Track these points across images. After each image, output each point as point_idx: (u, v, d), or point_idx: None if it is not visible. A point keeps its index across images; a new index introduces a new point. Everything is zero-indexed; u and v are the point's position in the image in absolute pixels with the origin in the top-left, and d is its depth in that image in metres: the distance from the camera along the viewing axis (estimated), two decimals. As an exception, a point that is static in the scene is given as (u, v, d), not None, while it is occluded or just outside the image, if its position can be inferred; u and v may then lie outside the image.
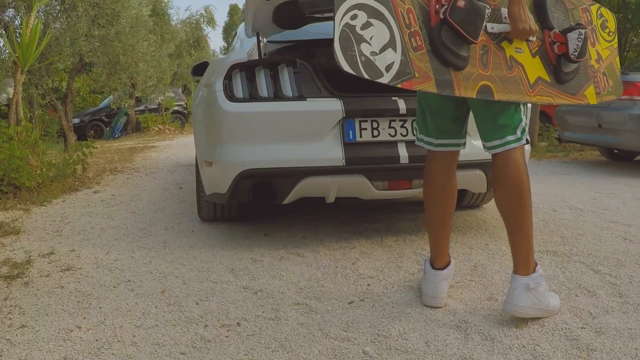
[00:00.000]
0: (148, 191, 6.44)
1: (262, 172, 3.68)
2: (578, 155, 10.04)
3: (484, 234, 4.45)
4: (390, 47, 2.39)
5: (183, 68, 23.18)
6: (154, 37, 14.02)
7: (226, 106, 3.70)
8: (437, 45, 2.49)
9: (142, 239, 4.32)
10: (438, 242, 3.06)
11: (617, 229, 4.61)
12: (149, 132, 18.95)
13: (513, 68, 2.73)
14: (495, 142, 2.75)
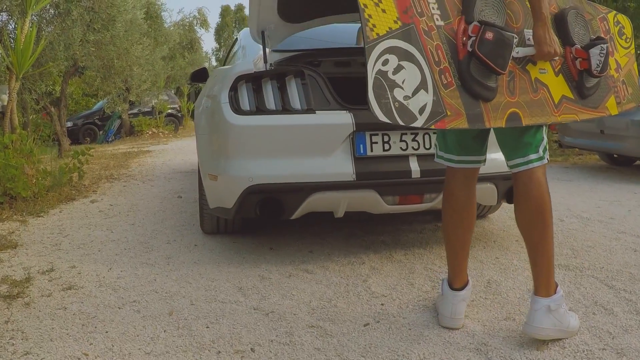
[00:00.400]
0: (146, 201, 6.33)
1: (270, 187, 3.58)
2: (577, 160, 10.00)
3: (493, 246, 4.37)
4: (422, 88, 2.31)
5: (176, 70, 23.10)
6: (148, 41, 13.91)
7: (232, 119, 3.60)
8: (467, 79, 2.41)
9: (145, 254, 4.21)
10: (457, 262, 2.98)
11: (626, 239, 4.55)
12: (143, 136, 18.85)
13: (538, 90, 2.66)
14: (518, 160, 2.70)
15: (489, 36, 2.37)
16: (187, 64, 24.51)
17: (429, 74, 2.34)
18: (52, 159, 9.42)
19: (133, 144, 16.30)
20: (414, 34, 2.34)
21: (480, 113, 2.44)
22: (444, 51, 2.40)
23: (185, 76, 24.64)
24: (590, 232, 4.80)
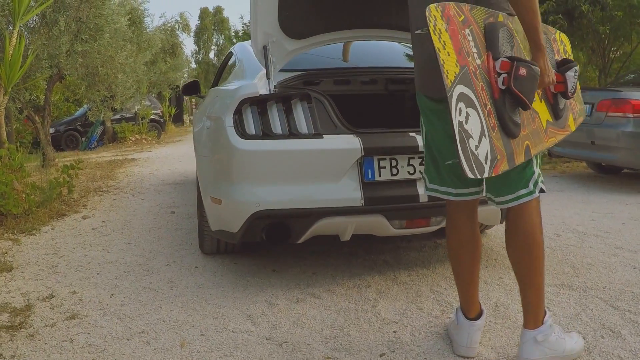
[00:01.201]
0: (139, 217, 6.27)
1: (277, 212, 3.54)
2: (566, 168, 10.04)
3: (495, 264, 4.37)
4: (482, 135, 2.27)
5: (158, 75, 22.94)
6: (132, 48, 13.81)
7: (238, 143, 3.55)
8: (504, 119, 2.37)
9: (146, 278, 4.16)
10: (469, 293, 2.96)
11: (624, 256, 4.57)
12: (126, 143, 18.71)
13: (535, 119, 2.65)
14: (508, 196, 2.67)
15: (522, 72, 2.33)
16: (168, 69, 24.33)
17: (483, 119, 2.29)
18: (36, 168, 9.33)
19: (116, 151, 16.18)
20: (469, 77, 2.26)
21: (512, 151, 2.42)
22: (485, 91, 2.35)
23: (167, 81, 24.50)
24: (588, 248, 4.82)
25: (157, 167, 11.20)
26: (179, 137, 23.23)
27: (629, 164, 7.71)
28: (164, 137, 22.39)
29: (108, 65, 12.01)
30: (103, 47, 10.63)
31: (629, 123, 7.33)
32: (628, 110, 7.33)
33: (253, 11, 3.96)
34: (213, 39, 73.86)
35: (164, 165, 11.52)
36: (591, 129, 7.87)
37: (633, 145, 7.35)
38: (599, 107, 7.77)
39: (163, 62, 23.55)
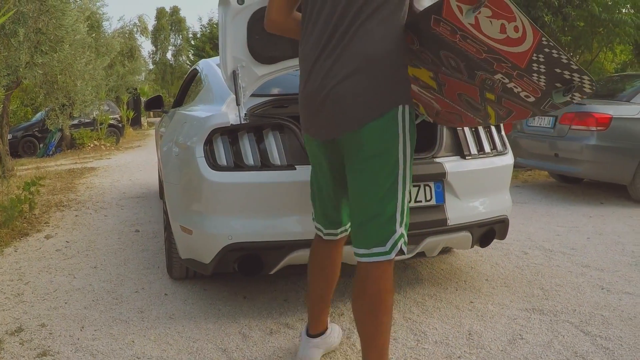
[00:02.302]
0: (103, 236, 6.16)
1: (250, 245, 3.50)
2: (528, 177, 10.15)
3: (465, 287, 4.38)
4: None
5: (116, 79, 22.70)
6: (91, 55, 13.62)
7: (209, 175, 3.49)
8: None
9: (115, 307, 4.08)
10: (315, 312, 3.10)
11: (592, 275, 4.63)
12: (85, 149, 18.45)
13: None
14: (362, 250, 2.56)
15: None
16: (126, 72, 24.13)
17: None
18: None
19: (75, 158, 15.96)
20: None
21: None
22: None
23: (125, 84, 24.25)
24: (555, 267, 4.86)
25: (118, 178, 11.06)
26: (138, 141, 23.01)
27: (592, 177, 7.82)
28: (122, 142, 22.14)
29: (67, 73, 11.82)
30: (63, 56, 10.44)
31: (593, 136, 7.43)
32: (591, 123, 7.43)
33: (222, 35, 3.91)
34: (170, 39, 73.39)
35: (124, 176, 11.37)
36: (554, 141, 7.96)
37: (596, 158, 7.46)
38: (562, 119, 7.87)
39: (121, 66, 23.36)
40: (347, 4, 2.45)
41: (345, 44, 2.44)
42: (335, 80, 2.44)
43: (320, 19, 2.55)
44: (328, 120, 2.52)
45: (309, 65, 2.58)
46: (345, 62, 2.43)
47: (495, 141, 4.23)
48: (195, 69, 5.93)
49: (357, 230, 2.58)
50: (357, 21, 2.43)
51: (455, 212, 3.83)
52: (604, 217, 6.97)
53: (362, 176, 2.49)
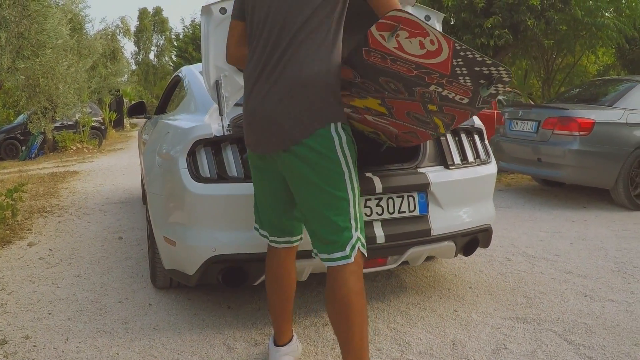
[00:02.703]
0: (87, 243, 6.13)
1: (234, 257, 3.49)
2: (511, 180, 10.19)
3: (449, 295, 4.40)
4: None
5: (99, 81, 22.59)
6: (74, 58, 13.55)
7: (193, 187, 3.47)
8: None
9: (99, 318, 4.06)
10: (278, 323, 3.18)
11: (575, 282, 4.66)
12: (67, 152, 18.33)
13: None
14: (324, 255, 2.71)
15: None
16: (109, 74, 24.02)
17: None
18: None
19: (57, 161, 15.86)
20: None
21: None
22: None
23: (108, 86, 24.13)
24: (539, 274, 4.89)
25: (100, 182, 10.99)
26: (121, 143, 22.91)
27: (575, 181, 7.87)
28: (105, 144, 22.03)
29: (49, 76, 11.75)
30: (45, 60, 10.38)
31: (575, 141, 7.47)
32: (574, 128, 7.48)
33: (205, 45, 3.89)
34: (153, 40, 73.18)
35: (107, 180, 11.31)
36: (537, 146, 8.00)
37: (579, 162, 7.51)
38: (545, 124, 7.91)
39: (104, 68, 23.25)
40: (282, 29, 2.66)
41: (281, 68, 2.63)
42: (272, 102, 2.64)
43: (260, 42, 2.75)
44: (266, 137, 2.70)
45: (250, 85, 2.78)
46: (281, 85, 2.62)
47: (478, 150, 4.25)
48: (177, 76, 5.91)
49: (314, 239, 2.75)
50: (292, 46, 2.62)
51: (439, 222, 3.84)
52: (587, 221, 7.01)
53: (307, 190, 2.66)
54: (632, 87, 8.14)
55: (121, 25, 24.77)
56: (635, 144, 7.57)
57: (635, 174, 7.63)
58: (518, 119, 8.65)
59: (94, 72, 21.96)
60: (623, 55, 15.15)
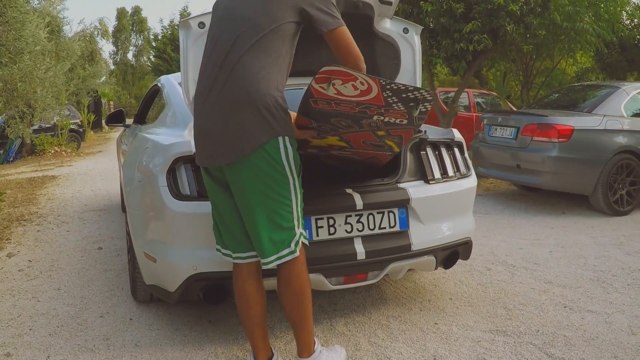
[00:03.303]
0: (66, 254, 6.07)
1: (215, 275, 3.49)
2: (490, 185, 10.23)
3: (429, 307, 4.41)
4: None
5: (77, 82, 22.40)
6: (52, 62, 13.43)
7: (173, 205, 3.46)
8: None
9: (80, 334, 4.02)
10: (254, 341, 3.21)
11: (554, 292, 4.70)
12: (45, 156, 18.18)
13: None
14: (272, 257, 2.98)
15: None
16: (87, 76, 23.83)
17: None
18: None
19: (36, 165, 15.72)
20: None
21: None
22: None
23: (86, 88, 23.94)
24: (518, 284, 4.92)
25: (79, 188, 10.91)
26: (99, 145, 22.75)
27: (554, 188, 7.93)
28: (83, 146, 21.85)
29: (27, 80, 11.62)
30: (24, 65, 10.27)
31: (555, 148, 7.53)
32: (553, 135, 7.53)
33: (184, 59, 3.89)
34: (131, 40, 72.90)
35: (86, 185, 11.22)
36: (516, 152, 8.04)
37: (558, 169, 7.57)
38: (524, 131, 7.96)
39: (82, 69, 23.06)
40: (232, 49, 2.91)
41: (230, 85, 2.87)
42: (222, 116, 2.86)
43: (211, 59, 2.98)
44: (215, 150, 2.92)
45: (201, 100, 2.98)
46: (230, 101, 2.85)
47: (458, 164, 4.27)
48: (156, 85, 5.88)
49: (260, 244, 2.98)
50: (240, 64, 2.86)
51: (419, 237, 3.86)
52: (565, 227, 7.07)
53: (253, 198, 2.91)
54: (611, 93, 8.22)
55: (99, 27, 24.63)
56: (614, 150, 7.65)
57: (613, 180, 7.71)
58: (497, 125, 8.69)
59: (72, 74, 21.75)
60: (601, 59, 15.28)
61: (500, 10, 9.52)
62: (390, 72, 4.41)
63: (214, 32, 3.05)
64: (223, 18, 3.03)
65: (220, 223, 3.16)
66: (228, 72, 2.86)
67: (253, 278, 3.16)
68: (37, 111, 12.96)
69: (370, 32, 4.20)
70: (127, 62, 72.57)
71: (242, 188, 2.91)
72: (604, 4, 11.00)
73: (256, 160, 2.84)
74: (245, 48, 2.86)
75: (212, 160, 2.95)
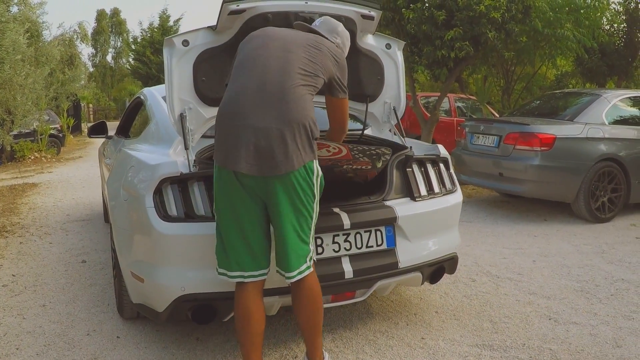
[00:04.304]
0: (50, 268, 6.02)
1: (204, 296, 3.48)
2: (472, 191, 10.28)
3: (416, 321, 4.43)
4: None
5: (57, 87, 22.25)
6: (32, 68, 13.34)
7: (160, 227, 3.43)
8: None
9: (68, 354, 3.98)
10: (252, 358, 3.25)
11: (539, 304, 4.74)
12: (25, 162, 18.05)
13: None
14: (294, 272, 3.18)
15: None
16: (67, 80, 23.69)
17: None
18: None
19: (15, 171, 15.58)
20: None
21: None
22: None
23: (65, 92, 23.79)
24: (503, 295, 4.95)
25: (61, 197, 10.83)
26: (79, 150, 22.60)
27: (537, 196, 8.00)
28: (63, 151, 21.69)
29: (7, 87, 11.56)
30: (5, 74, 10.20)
31: (537, 156, 7.59)
32: (536, 144, 7.59)
33: (168, 77, 3.89)
34: (110, 42, 72.53)
35: (67, 194, 11.14)
36: (499, 160, 8.09)
37: (540, 177, 7.63)
38: (507, 139, 8.01)
39: (61, 73, 22.91)
40: (284, 72, 3.20)
41: (284, 103, 3.10)
42: (278, 132, 3.04)
43: (260, 74, 3.20)
44: (266, 160, 3.05)
45: (248, 102, 3.12)
46: (286, 118, 3.07)
47: (444, 180, 4.30)
48: (139, 97, 5.86)
49: (285, 258, 3.18)
50: (292, 92, 3.14)
51: (406, 255, 3.88)
52: (548, 235, 7.12)
53: (289, 211, 3.13)
54: (592, 101, 8.30)
55: (79, 31, 24.47)
56: (596, 158, 7.73)
57: (595, 187, 7.77)
58: (479, 133, 8.74)
59: (51, 79, 21.60)
60: (581, 64, 15.39)
61: (482, 17, 9.56)
62: (374, 88, 4.44)
63: (263, 53, 3.29)
64: (275, 46, 3.31)
65: (237, 239, 3.18)
66: (284, 94, 3.11)
67: (258, 296, 3.23)
68: (17, 118, 12.88)
69: (354, 48, 4.22)
70: (106, 65, 72.18)
71: (280, 200, 3.10)
72: (584, 11, 11.07)
73: (298, 177, 3.08)
74: (298, 82, 3.17)
75: (259, 169, 3.05)
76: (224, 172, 3.13)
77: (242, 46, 3.43)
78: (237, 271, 3.19)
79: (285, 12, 3.86)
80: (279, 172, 3.04)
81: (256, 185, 3.09)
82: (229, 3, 3.74)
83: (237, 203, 3.14)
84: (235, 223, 3.17)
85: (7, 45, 9.27)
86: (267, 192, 3.10)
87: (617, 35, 15.38)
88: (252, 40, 3.41)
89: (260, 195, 3.13)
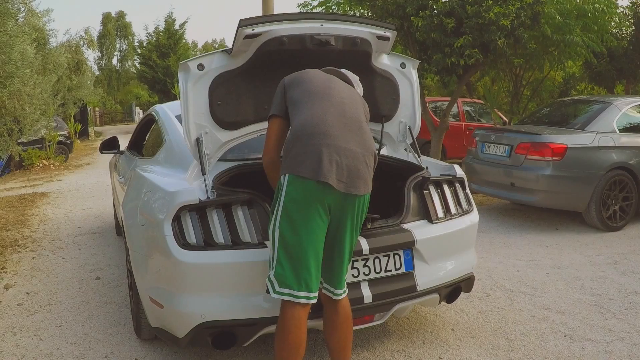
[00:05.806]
0: (64, 285, 6.03)
1: (224, 322, 3.49)
2: (483, 199, 10.25)
3: (432, 340, 4.44)
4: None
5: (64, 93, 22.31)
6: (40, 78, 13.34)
7: (180, 255, 3.44)
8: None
9: (86, 378, 4.01)
10: None
11: (554, 320, 4.74)
12: (34, 169, 18.07)
13: None
14: (341, 290, 3.39)
15: None
16: (74, 86, 23.77)
17: None
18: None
19: (24, 180, 15.62)
20: None
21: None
22: None
23: (72, 98, 23.87)
24: (518, 311, 4.95)
25: (71, 207, 10.84)
26: (87, 157, 22.62)
27: (549, 206, 7.99)
28: (71, 158, 21.73)
29: (16, 98, 11.56)
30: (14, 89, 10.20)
31: (549, 166, 7.58)
32: (547, 154, 7.58)
33: (184, 102, 3.90)
34: (116, 45, 72.66)
35: (77, 204, 11.15)
36: (510, 170, 8.08)
37: (552, 187, 7.62)
38: (518, 149, 8.00)
39: (68, 79, 22.98)
40: (353, 108, 3.45)
41: (361, 134, 3.34)
42: (361, 156, 3.25)
43: (338, 105, 3.38)
44: (357, 181, 3.22)
45: (331, 124, 3.26)
46: (364, 147, 3.29)
47: (460, 200, 4.30)
48: (151, 114, 5.87)
49: (339, 278, 3.38)
50: (360, 121, 3.41)
51: (424, 278, 3.88)
52: (560, 246, 7.12)
53: (352, 232, 3.33)
54: (603, 109, 8.29)
55: (85, 37, 24.56)
56: (607, 167, 7.72)
57: (606, 196, 7.77)
58: (490, 142, 8.73)
59: (58, 85, 21.65)
60: (590, 68, 15.37)
61: (491, 24, 9.54)
62: (390, 108, 4.44)
63: (334, 86, 3.51)
64: (339, 83, 3.59)
65: (311, 257, 3.20)
66: (360, 124, 3.37)
67: (305, 322, 3.25)
68: (25, 128, 12.88)
69: (369, 68, 4.24)
70: (112, 68, 72.35)
71: (348, 220, 3.29)
72: (593, 15, 11.03)
73: (365, 201, 3.32)
74: (364, 118, 3.48)
75: (346, 186, 3.17)
76: (309, 185, 3.12)
77: (295, 79, 3.54)
78: (304, 291, 3.17)
79: (301, 35, 3.87)
80: (360, 193, 3.21)
81: (334, 202, 3.19)
82: (245, 27, 3.74)
83: (312, 222, 3.17)
84: (311, 241, 3.17)
85: (17, 59, 9.27)
86: (342, 210, 3.23)
87: (625, 38, 15.37)
88: (309, 73, 3.58)
89: (335, 213, 3.23)
